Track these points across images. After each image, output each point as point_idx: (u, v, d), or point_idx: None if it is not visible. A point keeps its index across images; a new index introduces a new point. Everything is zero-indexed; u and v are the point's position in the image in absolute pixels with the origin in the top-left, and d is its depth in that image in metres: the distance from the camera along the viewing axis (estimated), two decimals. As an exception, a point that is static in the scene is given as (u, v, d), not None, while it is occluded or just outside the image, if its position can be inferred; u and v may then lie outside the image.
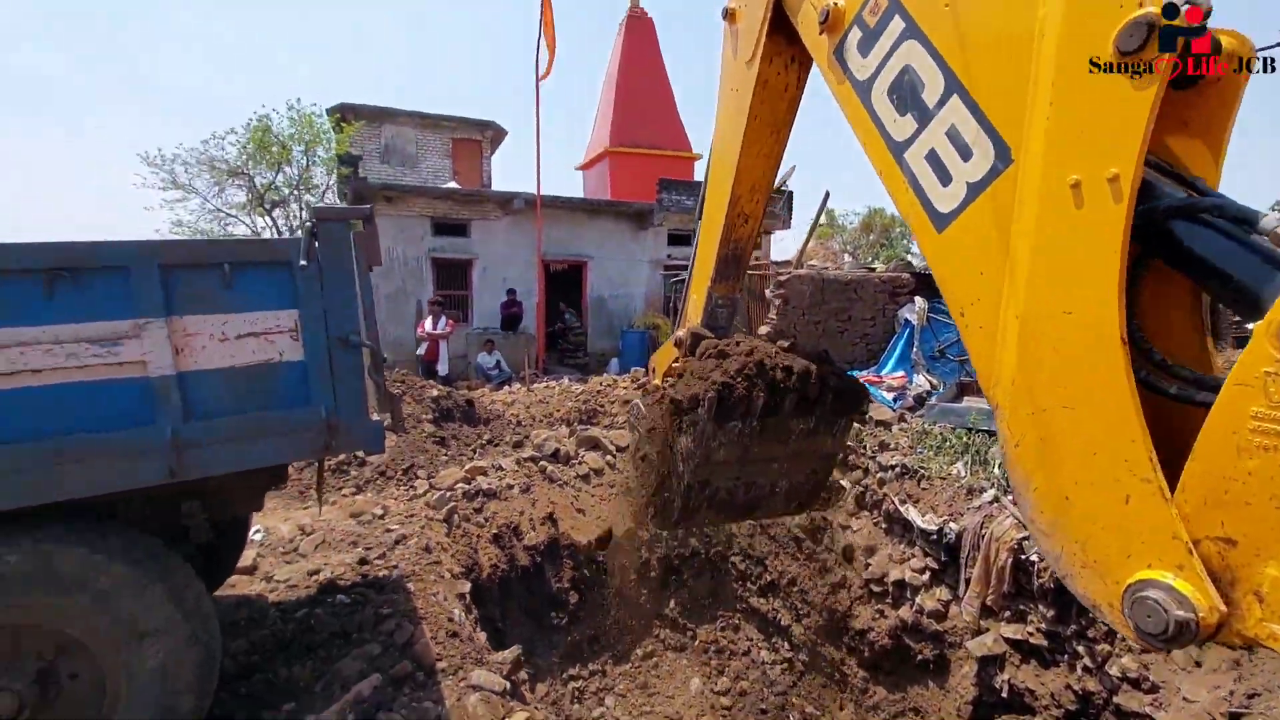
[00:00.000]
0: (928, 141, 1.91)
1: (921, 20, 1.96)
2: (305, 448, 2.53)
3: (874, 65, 2.11)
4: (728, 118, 3.02)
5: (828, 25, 2.26)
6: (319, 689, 2.98)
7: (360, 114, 15.07)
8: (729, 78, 2.96)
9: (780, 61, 2.89)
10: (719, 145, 3.05)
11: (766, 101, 2.84)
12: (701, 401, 2.34)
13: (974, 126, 1.77)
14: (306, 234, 2.41)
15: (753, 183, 2.92)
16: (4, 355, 2.06)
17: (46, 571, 2.21)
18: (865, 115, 2.15)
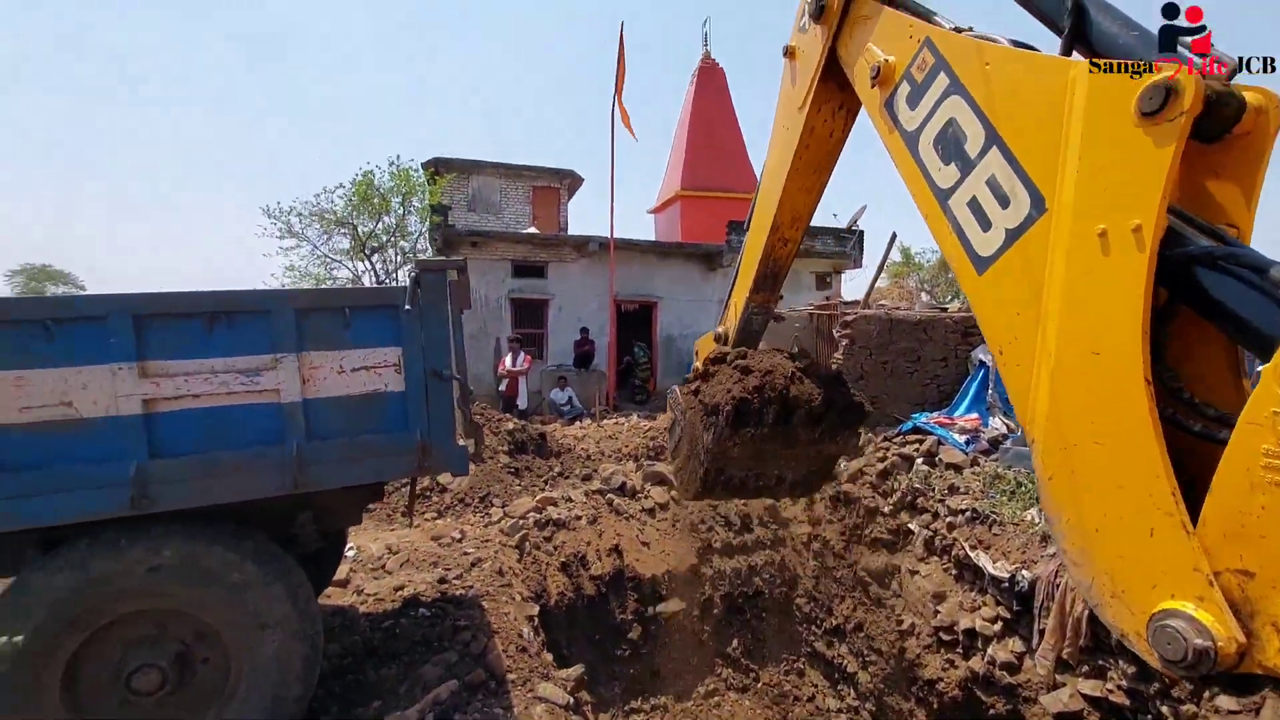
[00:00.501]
0: (969, 190, 2.05)
1: (964, 77, 2.11)
2: (402, 467, 2.89)
3: (921, 117, 2.27)
4: (777, 150, 3.25)
5: (879, 79, 2.44)
6: (402, 690, 3.27)
7: (451, 166, 16.32)
8: (782, 114, 3.18)
9: (828, 109, 3.08)
10: (768, 172, 3.30)
11: (811, 146, 3.07)
12: (721, 411, 2.74)
13: (1011, 177, 1.90)
14: (411, 282, 2.81)
15: (794, 213, 3.17)
16: (173, 383, 2.53)
17: (192, 566, 2.63)
18: (913, 164, 2.31)
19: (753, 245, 3.35)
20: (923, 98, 2.26)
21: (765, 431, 2.80)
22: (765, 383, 2.76)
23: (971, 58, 2.11)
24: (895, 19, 2.50)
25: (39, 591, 2.49)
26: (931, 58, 2.25)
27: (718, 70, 18.52)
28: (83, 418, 2.46)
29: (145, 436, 2.51)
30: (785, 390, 2.77)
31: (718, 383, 2.92)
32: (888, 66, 2.42)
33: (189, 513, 2.66)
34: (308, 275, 14.68)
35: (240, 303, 2.63)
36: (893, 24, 2.50)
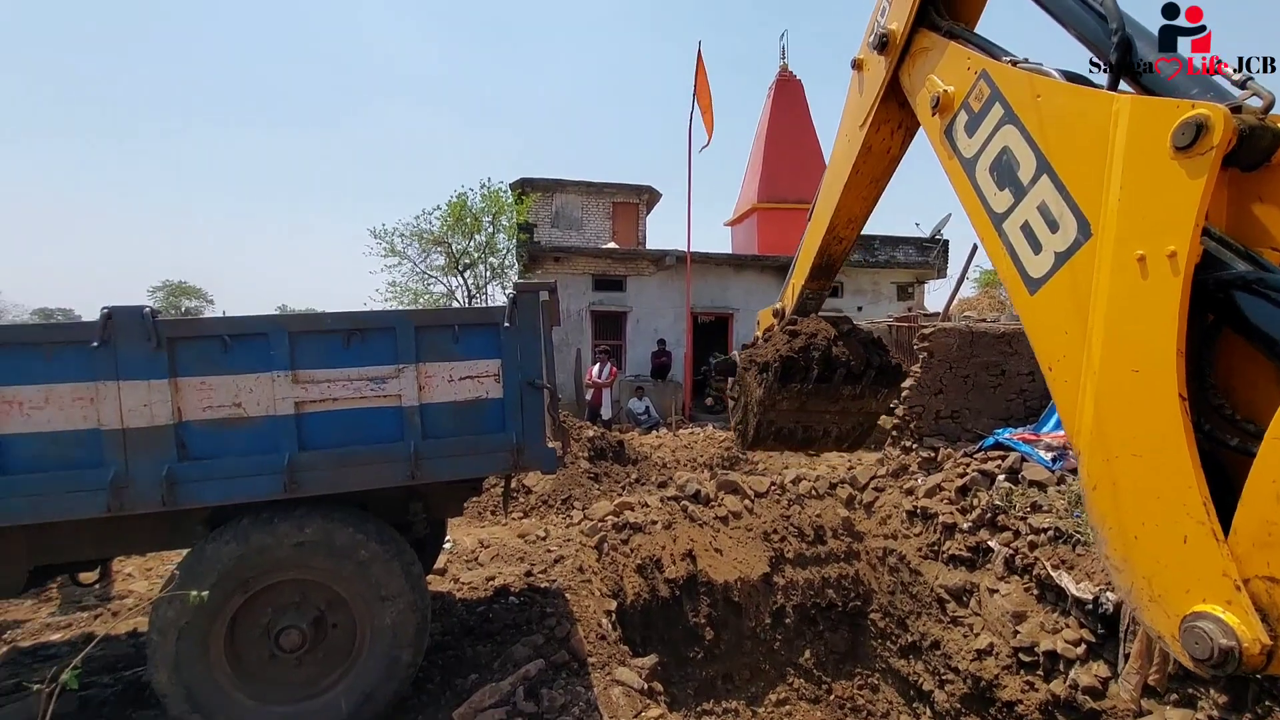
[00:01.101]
0: (1022, 215, 2.18)
1: (1017, 108, 2.24)
2: (499, 464, 3.28)
3: (978, 145, 2.39)
4: (838, 158, 3.45)
5: (939, 108, 2.58)
6: (495, 666, 3.66)
7: (536, 186, 17.18)
8: (846, 124, 3.36)
9: (887, 129, 3.23)
10: (829, 174, 3.51)
11: (869, 161, 3.27)
12: (770, 367, 3.15)
13: (1060, 203, 2.02)
14: (509, 302, 3.21)
15: (849, 215, 3.41)
16: (318, 388, 3.02)
17: (329, 543, 3.11)
18: (970, 188, 2.45)
19: (811, 238, 3.64)
20: (979, 126, 2.39)
21: (810, 388, 3.19)
22: (809, 343, 3.16)
23: (1024, 89, 2.24)
24: (954, 51, 2.63)
25: (211, 559, 3.03)
26: (987, 89, 2.38)
27: (795, 82, 18.51)
28: (249, 416, 2.99)
29: (296, 433, 3.01)
30: (827, 350, 3.15)
31: (768, 344, 3.35)
32: (947, 96, 2.56)
33: (325, 498, 3.14)
34: (407, 290, 15.87)
35: (372, 321, 3.12)
36: (952, 56, 2.63)
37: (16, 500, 2.79)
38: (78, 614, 4.85)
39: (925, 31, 2.85)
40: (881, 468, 7.39)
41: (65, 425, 2.83)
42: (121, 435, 2.85)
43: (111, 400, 2.83)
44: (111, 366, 2.82)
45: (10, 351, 2.78)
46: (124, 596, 5.09)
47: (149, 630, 3.04)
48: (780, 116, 18.27)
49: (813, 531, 6.92)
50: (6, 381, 2.75)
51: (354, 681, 3.19)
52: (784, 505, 7.13)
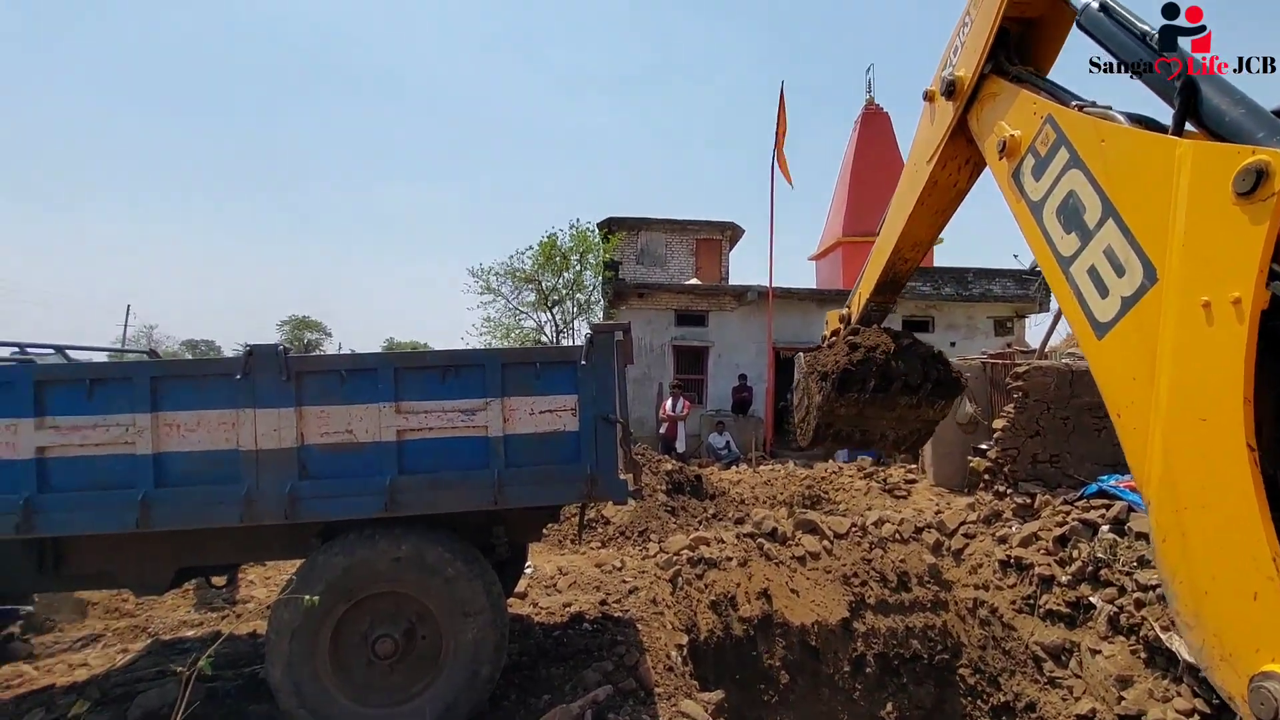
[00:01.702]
0: (1089, 259, 2.17)
1: (1083, 152, 2.24)
2: (575, 494, 3.49)
3: (1045, 189, 2.40)
4: (906, 186, 3.52)
5: (1006, 152, 2.61)
6: (567, 688, 3.81)
7: (623, 225, 17.82)
8: (915, 154, 3.41)
9: (954, 165, 3.26)
10: (897, 198, 3.59)
11: (935, 194, 3.34)
12: (829, 377, 3.36)
13: (1126, 247, 2.01)
14: (586, 342, 3.46)
15: (914, 241, 3.51)
16: (417, 418, 3.38)
17: (421, 559, 3.42)
18: (1038, 231, 2.44)
19: (878, 255, 3.77)
20: (1046, 170, 2.40)
21: (867, 397, 3.37)
22: (868, 356, 3.33)
23: (1089, 134, 2.25)
24: (1021, 97, 2.66)
25: (322, 569, 3.40)
26: (1053, 133, 2.39)
27: (882, 115, 18.31)
28: (358, 442, 3.38)
29: (397, 458, 3.37)
30: (885, 364, 3.32)
31: (830, 353, 3.55)
32: (1013, 140, 2.58)
33: (419, 518, 3.47)
34: (500, 325, 16.80)
35: (464, 359, 3.47)
36: (1019, 101, 2.66)
37: (171, 509, 3.29)
38: (209, 614, 5.47)
39: (993, 78, 2.90)
40: (972, 513, 7.03)
41: (211, 446, 3.31)
42: (255, 456, 3.30)
43: (249, 425, 3.30)
44: (250, 396, 3.30)
45: (173, 382, 3.32)
46: (247, 601, 5.69)
47: (267, 631, 3.45)
48: (866, 149, 18.08)
49: (896, 577, 6.66)
50: (170, 407, 3.28)
51: (438, 691, 3.45)
52: (865, 548, 6.92)
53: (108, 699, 3.99)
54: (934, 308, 14.90)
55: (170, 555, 3.66)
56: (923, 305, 14.78)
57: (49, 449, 3.26)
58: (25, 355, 4.55)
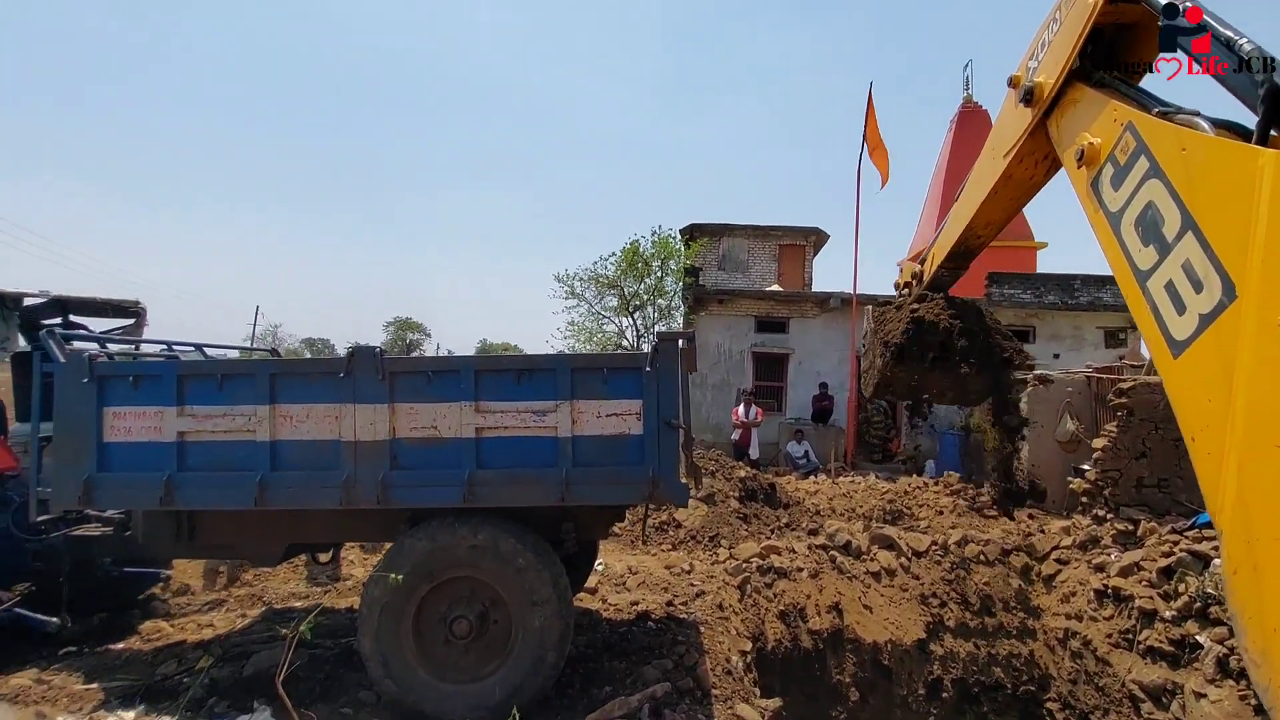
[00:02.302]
0: (1166, 273, 2.09)
1: (1162, 161, 2.16)
2: (638, 494, 3.64)
3: (1123, 199, 2.33)
4: (982, 172, 3.46)
5: (1084, 160, 2.53)
6: (628, 682, 3.96)
7: (704, 231, 17.89)
8: (995, 140, 3.36)
9: (1031, 161, 3.18)
10: (973, 180, 3.55)
11: (1009, 187, 3.29)
12: (889, 348, 3.69)
13: (1205, 262, 1.92)
14: (651, 349, 3.61)
15: (988, 221, 3.52)
16: (494, 417, 3.64)
17: (495, 548, 3.67)
18: (1115, 242, 2.36)
19: (952, 228, 3.80)
20: (1125, 180, 2.32)
21: (925, 367, 3.69)
22: (926, 334, 3.65)
23: (1170, 143, 2.14)
24: (1102, 103, 2.57)
25: (408, 551, 3.73)
26: (1133, 141, 2.30)
27: (980, 113, 17.36)
28: (442, 437, 3.68)
29: (475, 453, 3.64)
30: (944, 341, 3.64)
31: (894, 321, 3.84)
32: (1093, 149, 2.50)
33: (494, 510, 3.73)
34: (583, 329, 17.30)
35: (537, 363, 3.71)
36: (1099, 108, 2.57)
37: (283, 491, 3.72)
38: (314, 588, 6.05)
39: (1076, 84, 2.79)
40: (1067, 537, 6.59)
41: (318, 436, 3.72)
42: (354, 446, 3.67)
43: (349, 418, 3.68)
44: (351, 392, 3.68)
45: (289, 379, 3.76)
46: (347, 578, 6.24)
47: (360, 605, 3.82)
48: (962, 149, 17.19)
49: (979, 601, 6.36)
50: (285, 401, 3.71)
51: (507, 673, 3.69)
52: (946, 568, 6.64)
53: (228, 656, 4.53)
54: (1035, 316, 13.95)
55: (282, 532, 4.12)
56: (1023, 314, 13.87)
57: (187, 434, 3.77)
58: (171, 352, 5.26)
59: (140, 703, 3.77)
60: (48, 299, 5.22)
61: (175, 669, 4.40)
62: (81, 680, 4.23)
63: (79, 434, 3.77)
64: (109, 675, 4.31)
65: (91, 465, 3.76)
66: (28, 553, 4.68)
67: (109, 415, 3.78)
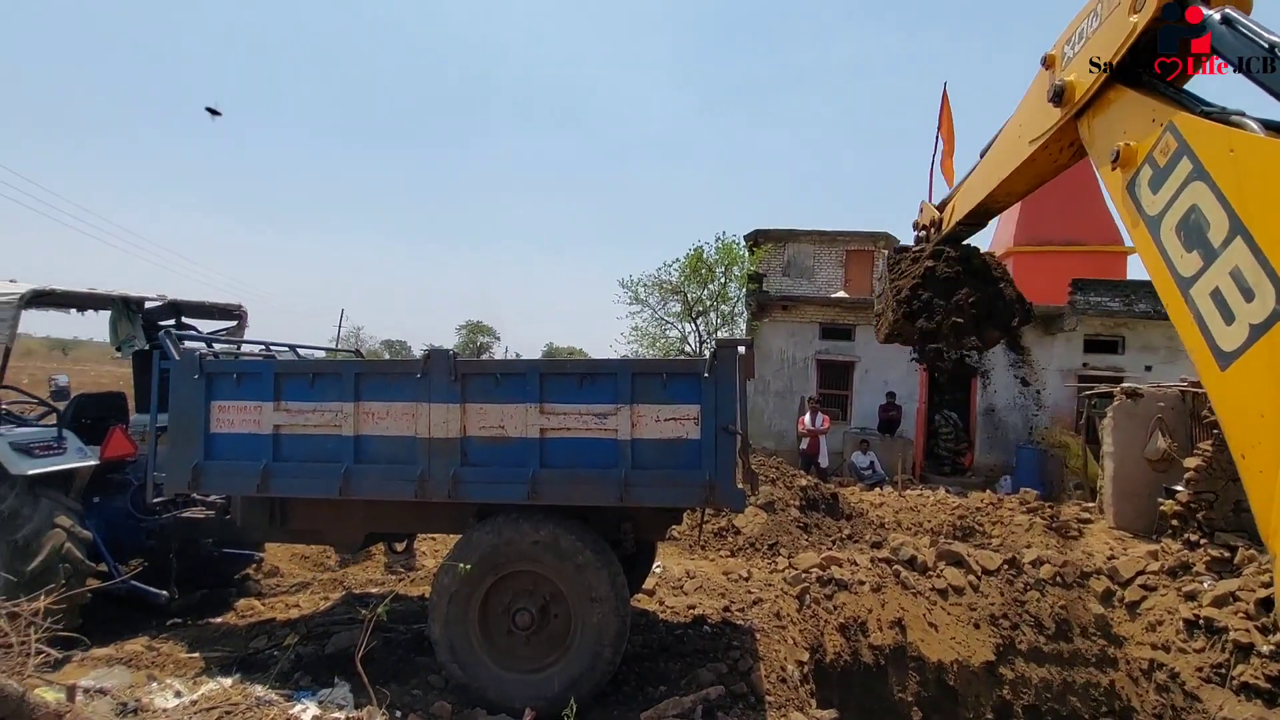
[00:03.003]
0: (1212, 280, 1.95)
1: (1207, 163, 2.01)
2: (694, 498, 3.71)
3: (1163, 203, 2.18)
4: (1006, 147, 3.34)
5: (1120, 162, 2.37)
6: (683, 683, 4.02)
7: (769, 236, 17.74)
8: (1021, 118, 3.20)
9: (1057, 147, 3.01)
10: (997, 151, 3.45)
11: (1033, 168, 3.17)
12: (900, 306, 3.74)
13: (1257, 269, 1.80)
14: (710, 356, 3.68)
15: (1009, 191, 3.45)
16: (557, 419, 3.80)
17: (556, 545, 3.82)
18: (1154, 248, 2.21)
19: (974, 191, 3.73)
20: (1165, 182, 2.18)
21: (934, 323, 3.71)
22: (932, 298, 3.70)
23: (1216, 143, 2.01)
24: (1139, 102, 2.40)
25: (476, 544, 3.93)
26: (1174, 142, 2.15)
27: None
28: (508, 436, 3.87)
29: (539, 453, 3.81)
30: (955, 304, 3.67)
31: (907, 275, 3.84)
32: (1129, 150, 2.35)
33: (556, 508, 3.88)
34: (646, 334, 17.48)
35: (599, 367, 3.84)
36: (1136, 107, 2.41)
37: (364, 482, 4.00)
38: (389, 576, 6.42)
39: (1113, 85, 2.55)
40: (1154, 561, 6.19)
41: (396, 432, 3.98)
42: (428, 443, 3.91)
43: (424, 416, 3.92)
44: (427, 392, 3.92)
45: (371, 378, 4.05)
46: (419, 569, 6.58)
47: (431, 593, 4.05)
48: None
49: (1054, 625, 6.05)
50: (369, 398, 3.99)
51: (565, 666, 3.82)
52: (1019, 589, 6.36)
53: (311, 635, 4.89)
54: (1124, 326, 13.06)
55: (362, 520, 4.42)
56: (1111, 323, 13.03)
57: (282, 427, 4.12)
58: (268, 352, 5.72)
59: (237, 672, 4.12)
60: (164, 302, 5.77)
61: (266, 644, 4.78)
62: (185, 649, 4.67)
63: (190, 425, 4.18)
64: (209, 646, 4.73)
65: (200, 453, 4.16)
66: (143, 531, 5.19)
67: (215, 408, 4.18)
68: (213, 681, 3.89)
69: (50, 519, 4.49)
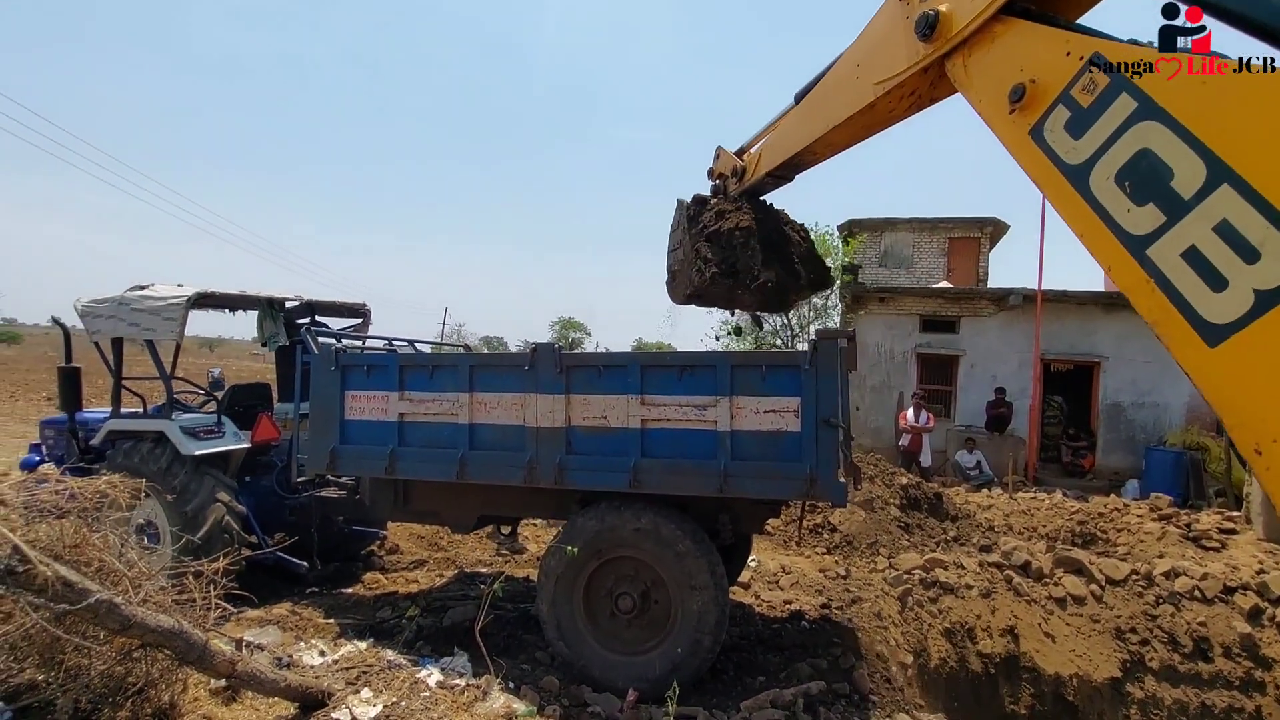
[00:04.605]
0: (1184, 237, 1.69)
1: (1164, 99, 1.74)
2: (795, 490, 3.71)
3: (1092, 148, 1.90)
4: (837, 91, 2.99)
5: (1022, 104, 2.08)
6: (781, 677, 4.04)
7: (864, 226, 17.10)
8: (863, 58, 2.82)
9: (899, 94, 2.69)
10: (824, 96, 3.12)
11: (868, 116, 2.88)
12: (704, 274, 3.86)
13: (1261, 224, 1.54)
14: (810, 348, 3.65)
15: (829, 144, 3.20)
16: (658, 410, 3.91)
17: (657, 532, 3.94)
18: (1079, 201, 1.94)
19: (790, 138, 3.43)
20: (1093, 124, 1.91)
21: (731, 280, 3.83)
22: (733, 249, 3.84)
23: (1175, 76, 1.73)
24: (1041, 34, 2.10)
25: (580, 529, 4.11)
26: (1105, 78, 1.88)
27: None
28: (610, 427, 4.02)
29: (640, 443, 3.93)
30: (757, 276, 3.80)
31: (700, 233, 3.97)
32: (1035, 88, 2.05)
33: (656, 497, 4.00)
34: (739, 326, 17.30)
35: (699, 360, 3.92)
36: (1037, 40, 2.10)
37: (478, 467, 4.29)
38: (496, 557, 6.81)
39: (1001, 16, 2.22)
40: (1316, 579, 5.50)
41: (506, 421, 4.24)
42: (535, 432, 4.14)
43: (532, 407, 4.15)
44: (534, 384, 4.14)
45: (484, 371, 4.33)
46: (523, 551, 6.94)
47: (538, 575, 4.28)
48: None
49: (1192, 642, 5.54)
50: (481, 389, 4.27)
51: (666, 651, 3.94)
52: (1149, 602, 5.87)
53: (430, 609, 5.28)
54: None
55: (475, 503, 4.74)
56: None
57: (405, 415, 4.49)
58: (391, 346, 6.22)
59: (369, 637, 4.54)
60: (301, 302, 6.40)
61: (390, 614, 5.22)
62: (322, 615, 5.18)
63: (327, 412, 4.64)
64: (342, 613, 5.23)
65: (336, 438, 4.60)
66: (286, 508, 5.80)
67: (349, 398, 4.61)
68: (350, 644, 4.31)
69: (213, 494, 5.12)
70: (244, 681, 3.08)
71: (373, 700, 3.37)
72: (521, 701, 3.55)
